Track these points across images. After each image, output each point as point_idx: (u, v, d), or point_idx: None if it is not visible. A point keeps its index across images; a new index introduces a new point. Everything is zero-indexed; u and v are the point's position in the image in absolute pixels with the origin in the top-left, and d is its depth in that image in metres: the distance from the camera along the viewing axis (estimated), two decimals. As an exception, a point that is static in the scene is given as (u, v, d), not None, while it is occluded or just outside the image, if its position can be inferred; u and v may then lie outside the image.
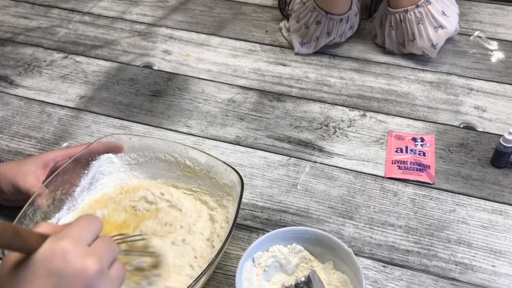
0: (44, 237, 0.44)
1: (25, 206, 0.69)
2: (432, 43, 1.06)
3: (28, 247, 0.42)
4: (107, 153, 0.80)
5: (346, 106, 1.01)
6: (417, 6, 1.03)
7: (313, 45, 1.11)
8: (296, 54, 1.13)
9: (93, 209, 0.77)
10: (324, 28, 1.08)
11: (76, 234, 0.44)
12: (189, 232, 0.74)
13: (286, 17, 1.20)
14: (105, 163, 0.80)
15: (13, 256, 0.43)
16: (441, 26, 1.04)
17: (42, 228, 0.46)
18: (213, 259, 0.64)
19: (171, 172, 0.81)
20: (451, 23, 1.06)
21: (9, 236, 0.41)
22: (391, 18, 1.07)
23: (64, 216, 0.75)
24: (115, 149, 0.80)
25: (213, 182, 0.77)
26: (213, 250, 0.72)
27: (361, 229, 0.80)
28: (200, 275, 0.62)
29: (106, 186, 0.80)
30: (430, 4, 1.02)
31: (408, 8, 1.03)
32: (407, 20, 1.04)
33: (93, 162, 0.79)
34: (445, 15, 1.04)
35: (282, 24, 1.21)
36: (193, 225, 0.75)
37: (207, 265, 0.64)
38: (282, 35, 1.19)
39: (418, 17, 1.03)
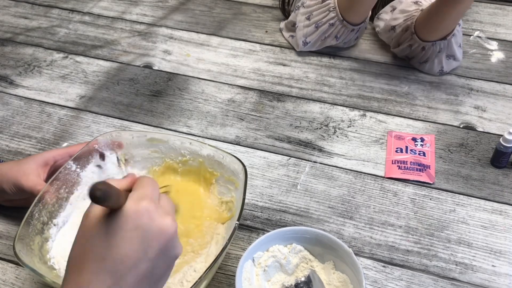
0: (125, 195, 0.47)
1: (31, 206, 0.69)
2: (442, 69, 1.06)
3: (119, 204, 0.46)
4: (107, 150, 0.80)
5: (346, 106, 1.01)
6: (445, 39, 1.01)
7: (317, 44, 1.11)
8: (299, 52, 1.13)
9: None
10: (334, 31, 1.08)
11: (151, 195, 0.48)
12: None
13: (288, 16, 1.19)
14: (106, 161, 0.80)
15: (96, 210, 0.47)
16: (454, 57, 1.05)
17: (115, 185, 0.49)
18: (215, 258, 0.64)
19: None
20: (461, 54, 1.07)
21: (115, 197, 0.45)
22: (413, 43, 1.05)
23: (67, 215, 0.75)
24: (115, 146, 0.80)
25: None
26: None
27: (361, 229, 0.80)
28: (202, 274, 0.62)
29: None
30: (454, 36, 1.01)
31: (436, 42, 1.02)
32: (430, 51, 1.03)
33: (94, 159, 0.79)
34: (460, 46, 1.05)
35: (282, 25, 1.20)
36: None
37: (209, 265, 0.64)
38: (282, 36, 1.19)
39: (441, 48, 1.03)
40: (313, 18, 1.08)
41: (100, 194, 0.43)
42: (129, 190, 0.50)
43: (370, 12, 1.11)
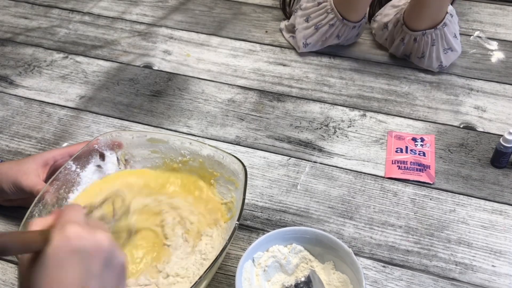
0: (45, 232, 0.46)
1: (31, 206, 0.69)
2: (441, 64, 1.06)
3: (36, 245, 0.45)
4: (107, 150, 0.80)
5: (346, 106, 1.01)
6: (435, 29, 1.01)
7: (318, 44, 1.11)
8: (299, 52, 1.13)
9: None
10: (336, 31, 1.08)
11: (74, 218, 0.47)
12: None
13: (289, 17, 1.19)
14: (106, 161, 0.80)
15: (26, 255, 0.46)
16: (451, 49, 1.05)
17: (37, 225, 0.48)
18: (215, 258, 0.64)
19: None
20: (459, 45, 1.07)
21: (15, 247, 0.44)
22: (404, 35, 1.05)
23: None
24: (115, 146, 0.80)
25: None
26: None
27: (361, 229, 0.80)
28: (202, 274, 0.62)
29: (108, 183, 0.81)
30: (446, 26, 1.01)
31: (426, 31, 1.02)
32: (423, 42, 1.03)
33: (94, 159, 0.79)
34: (455, 37, 1.05)
35: (283, 25, 1.20)
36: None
37: (209, 264, 0.64)
38: (283, 36, 1.19)
39: (433, 39, 1.02)
40: (312, 20, 1.08)
41: None
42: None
43: (369, 8, 1.11)
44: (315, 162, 0.90)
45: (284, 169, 0.89)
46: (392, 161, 0.90)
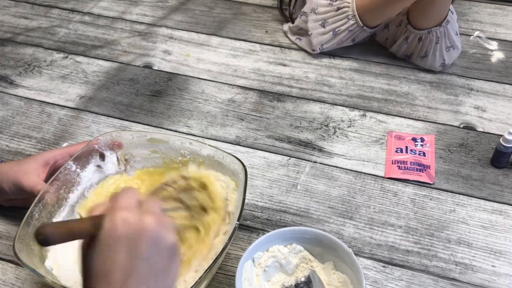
0: (98, 218, 0.48)
1: (31, 206, 0.69)
2: (443, 63, 1.06)
3: (88, 232, 0.48)
4: (108, 150, 0.80)
5: (346, 106, 1.01)
6: (440, 26, 1.01)
7: (332, 47, 1.11)
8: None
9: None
10: (352, 36, 1.08)
11: (124, 203, 0.49)
12: None
13: (290, 19, 1.19)
14: (106, 161, 0.80)
15: (84, 240, 0.49)
16: (453, 46, 1.05)
17: (97, 210, 0.51)
18: (215, 258, 0.64)
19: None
20: (460, 43, 1.07)
21: (65, 235, 0.47)
22: (409, 34, 1.04)
23: (67, 216, 0.75)
24: (115, 146, 0.80)
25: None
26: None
27: (361, 229, 0.80)
28: (202, 274, 0.62)
29: (108, 183, 0.81)
30: (448, 23, 1.01)
31: (432, 28, 1.01)
32: (427, 40, 1.03)
33: (94, 159, 0.79)
34: (457, 34, 1.05)
35: (286, 27, 1.19)
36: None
37: (209, 264, 0.64)
38: (288, 38, 1.18)
39: (437, 37, 1.02)
40: (329, 25, 1.06)
41: (42, 238, 0.45)
42: None
43: None
44: (315, 162, 0.90)
45: (284, 169, 0.89)
46: (392, 161, 0.90)
